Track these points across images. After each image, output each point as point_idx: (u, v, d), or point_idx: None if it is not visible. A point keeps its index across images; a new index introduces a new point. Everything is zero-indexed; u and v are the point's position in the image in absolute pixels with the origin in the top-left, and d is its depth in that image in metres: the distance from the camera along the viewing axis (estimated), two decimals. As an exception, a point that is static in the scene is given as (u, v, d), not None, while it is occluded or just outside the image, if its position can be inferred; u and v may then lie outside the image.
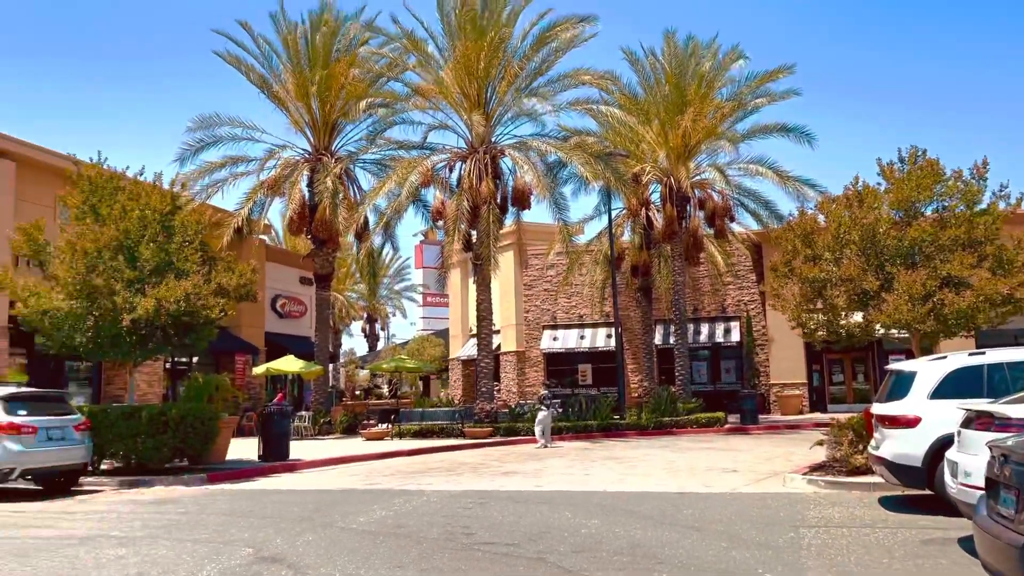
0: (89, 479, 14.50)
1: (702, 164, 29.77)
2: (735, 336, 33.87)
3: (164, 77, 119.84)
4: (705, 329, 34.64)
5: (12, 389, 13.76)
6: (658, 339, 34.02)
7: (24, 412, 12.98)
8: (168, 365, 27.97)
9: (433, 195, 27.08)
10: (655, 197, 30.50)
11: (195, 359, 29.01)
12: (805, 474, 12.46)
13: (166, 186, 16.97)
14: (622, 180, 25.93)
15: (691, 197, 28.73)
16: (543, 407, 21.63)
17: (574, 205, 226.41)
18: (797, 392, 32.00)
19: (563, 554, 7.60)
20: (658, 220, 29.86)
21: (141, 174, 16.83)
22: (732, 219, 30.23)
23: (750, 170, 29.55)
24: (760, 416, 28.16)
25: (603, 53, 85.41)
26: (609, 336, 34.71)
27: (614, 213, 29.85)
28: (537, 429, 21.37)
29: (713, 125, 27.49)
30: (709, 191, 29.62)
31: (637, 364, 35.03)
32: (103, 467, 15.49)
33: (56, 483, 13.90)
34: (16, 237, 15.93)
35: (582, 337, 36.20)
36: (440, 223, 26.70)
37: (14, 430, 12.61)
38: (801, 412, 31.31)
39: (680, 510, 10.09)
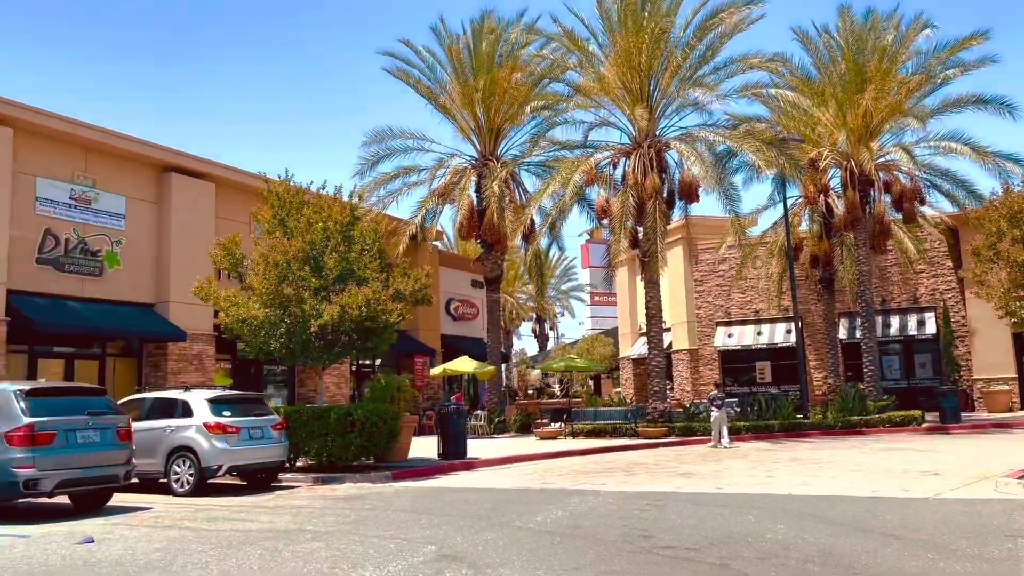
0: (287, 475, 15.54)
1: (886, 144, 27.83)
2: (930, 328, 31.41)
3: (337, 96, 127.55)
4: (895, 321, 32.36)
5: (218, 392, 15.06)
6: (843, 333, 32.15)
7: (228, 413, 14.12)
8: (353, 368, 29.62)
9: (597, 193, 26.89)
10: (834, 182, 28.91)
11: (378, 361, 30.55)
12: (1022, 479, 11.24)
13: (345, 198, 17.90)
14: (797, 166, 24.76)
15: (875, 180, 26.90)
16: (714, 408, 21.05)
17: (745, 195, 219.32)
18: (1006, 387, 29.28)
19: (748, 560, 7.24)
20: (838, 207, 28.21)
21: (323, 188, 17.81)
22: (923, 202, 28.04)
23: (942, 148, 27.37)
24: (963, 414, 26.03)
25: (770, 35, 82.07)
26: (788, 331, 33.19)
27: (789, 202, 28.49)
28: (714, 429, 20.89)
29: (897, 102, 25.59)
30: (895, 173, 27.64)
31: (820, 360, 33.27)
32: (298, 464, 16.56)
33: (257, 479, 15.02)
34: (217, 252, 17.36)
35: (759, 333, 34.79)
36: (605, 221, 26.50)
37: (220, 430, 13.75)
38: (1011, 409, 28.70)
39: (875, 516, 9.39)
